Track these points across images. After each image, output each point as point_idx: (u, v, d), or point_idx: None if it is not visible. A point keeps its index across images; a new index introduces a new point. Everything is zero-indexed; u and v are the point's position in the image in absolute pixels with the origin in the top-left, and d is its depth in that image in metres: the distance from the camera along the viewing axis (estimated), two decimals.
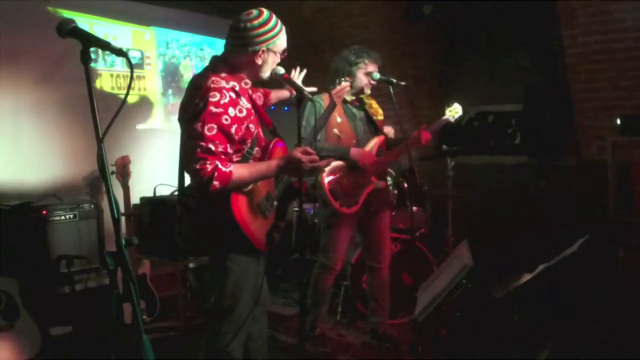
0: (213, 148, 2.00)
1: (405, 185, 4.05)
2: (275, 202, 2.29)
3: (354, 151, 3.20)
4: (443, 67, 5.32)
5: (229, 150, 2.06)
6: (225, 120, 2.03)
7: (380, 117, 3.44)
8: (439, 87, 5.33)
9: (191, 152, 2.02)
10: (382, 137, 3.32)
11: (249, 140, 2.17)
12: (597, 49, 3.93)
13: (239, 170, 2.04)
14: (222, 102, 2.03)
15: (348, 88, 3.14)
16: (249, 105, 2.18)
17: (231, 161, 2.08)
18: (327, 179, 3.19)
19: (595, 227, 3.07)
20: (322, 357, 3.33)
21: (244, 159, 2.16)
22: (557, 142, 4.41)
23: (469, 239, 2.81)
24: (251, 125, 2.16)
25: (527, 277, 2.43)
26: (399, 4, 4.87)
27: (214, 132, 2.01)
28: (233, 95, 2.10)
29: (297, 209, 3.24)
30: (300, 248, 4.34)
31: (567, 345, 2.73)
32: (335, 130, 3.22)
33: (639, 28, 3.72)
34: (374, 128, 3.37)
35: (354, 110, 3.32)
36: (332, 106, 3.10)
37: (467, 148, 4.37)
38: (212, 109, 2.01)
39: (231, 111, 2.05)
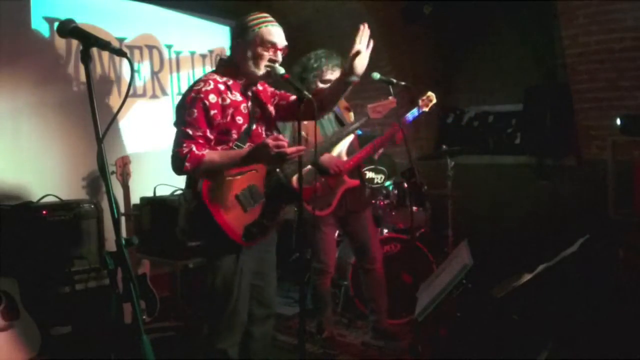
0: (191, 132, 2.12)
1: (405, 185, 4.05)
2: (262, 199, 2.28)
3: (324, 158, 3.17)
4: (443, 67, 5.32)
5: (209, 134, 2.16)
6: (204, 104, 2.13)
7: (348, 112, 3.43)
8: (438, 87, 5.33)
9: (175, 138, 2.17)
10: (352, 137, 3.30)
11: (234, 131, 2.22)
12: (597, 49, 3.93)
13: (211, 154, 2.13)
14: (204, 89, 2.15)
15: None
16: (240, 99, 2.25)
17: (213, 149, 2.17)
18: (297, 184, 3.17)
19: (595, 227, 3.07)
20: (322, 357, 3.33)
21: None
22: (557, 142, 4.41)
23: (469, 239, 2.81)
24: (239, 118, 2.22)
25: (527, 277, 2.42)
26: (399, 4, 4.87)
27: (194, 116, 2.13)
28: (221, 86, 2.20)
29: (297, 208, 3.24)
30: (300, 248, 4.33)
31: (567, 345, 2.73)
32: (302, 133, 3.19)
33: (639, 28, 3.72)
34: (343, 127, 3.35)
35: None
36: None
37: (467, 148, 4.36)
38: (193, 95, 2.15)
39: (212, 97, 2.15)
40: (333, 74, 3.14)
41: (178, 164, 2.11)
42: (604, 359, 2.67)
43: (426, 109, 3.35)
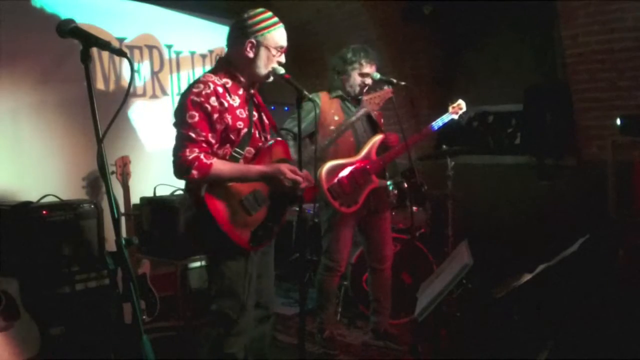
0: (194, 136, 2.08)
1: (405, 185, 4.05)
2: (266, 203, 2.27)
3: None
4: (443, 67, 5.32)
5: (211, 139, 2.12)
6: (205, 109, 2.09)
7: (380, 118, 3.43)
8: (439, 87, 5.33)
9: (175, 140, 2.11)
10: (382, 136, 3.32)
11: (234, 136, 2.19)
12: (597, 49, 3.93)
13: (218, 165, 2.10)
14: (204, 92, 2.11)
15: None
16: (238, 102, 2.22)
17: (214, 154, 2.13)
18: (325, 179, 3.17)
19: (595, 227, 3.07)
20: (322, 357, 3.33)
21: (233, 159, 2.19)
22: (557, 142, 4.41)
23: (469, 239, 2.81)
24: (239, 123, 2.19)
25: (527, 277, 2.42)
26: (399, 4, 4.87)
27: (195, 119, 2.08)
28: (220, 89, 2.16)
29: (297, 208, 3.25)
30: (301, 248, 4.33)
31: (567, 345, 2.73)
32: (332, 128, 3.21)
33: (639, 28, 3.72)
34: (374, 126, 3.36)
35: (353, 108, 3.29)
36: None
37: (467, 148, 4.36)
38: (194, 98, 2.10)
39: (213, 100, 2.12)
40: (371, 68, 3.20)
41: (183, 170, 2.05)
42: (604, 359, 2.67)
43: (455, 117, 3.38)
